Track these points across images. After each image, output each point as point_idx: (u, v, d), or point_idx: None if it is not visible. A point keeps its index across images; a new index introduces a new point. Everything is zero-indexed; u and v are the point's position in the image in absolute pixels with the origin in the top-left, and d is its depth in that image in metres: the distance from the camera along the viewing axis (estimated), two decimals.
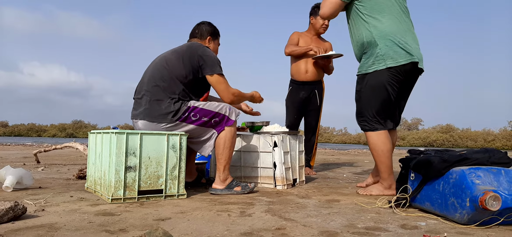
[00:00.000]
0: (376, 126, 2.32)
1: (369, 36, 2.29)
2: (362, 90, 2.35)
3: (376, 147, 2.31)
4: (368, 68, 2.31)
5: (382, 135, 2.31)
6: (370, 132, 2.33)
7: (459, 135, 40.23)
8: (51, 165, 4.28)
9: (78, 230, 1.39)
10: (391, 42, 2.24)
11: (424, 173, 1.81)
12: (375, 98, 2.30)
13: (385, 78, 2.26)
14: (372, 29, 2.28)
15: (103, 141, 2.20)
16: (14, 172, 2.30)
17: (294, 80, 3.67)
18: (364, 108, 2.34)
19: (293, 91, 3.66)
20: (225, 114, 2.32)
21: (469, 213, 1.52)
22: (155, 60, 2.42)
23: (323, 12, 2.45)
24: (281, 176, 2.64)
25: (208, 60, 2.32)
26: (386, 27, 2.26)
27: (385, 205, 1.97)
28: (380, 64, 2.26)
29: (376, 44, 2.27)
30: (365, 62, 2.35)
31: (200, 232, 1.41)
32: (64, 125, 54.45)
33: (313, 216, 1.71)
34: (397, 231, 1.46)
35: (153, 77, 2.29)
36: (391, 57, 2.24)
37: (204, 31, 2.54)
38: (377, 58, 2.27)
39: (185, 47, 2.38)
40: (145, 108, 2.26)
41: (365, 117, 2.35)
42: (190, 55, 2.31)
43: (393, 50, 2.24)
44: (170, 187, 2.14)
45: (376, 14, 2.29)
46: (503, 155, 1.74)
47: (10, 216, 1.48)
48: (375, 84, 2.29)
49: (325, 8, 2.42)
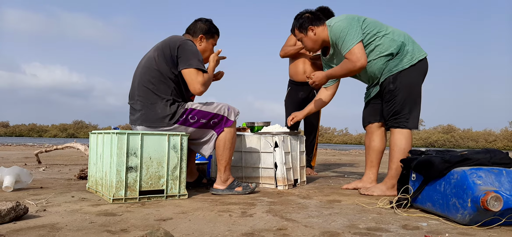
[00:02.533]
0: (414, 123, 2.38)
1: (396, 43, 2.38)
2: (398, 88, 2.37)
3: (402, 144, 2.35)
4: (402, 66, 2.38)
5: (410, 134, 2.38)
6: (403, 130, 2.37)
7: (460, 136, 40.19)
8: (52, 165, 4.28)
9: (80, 230, 1.40)
10: (412, 41, 2.44)
11: (425, 173, 1.81)
12: (419, 93, 2.41)
13: (422, 69, 2.41)
14: (395, 37, 2.40)
15: (104, 142, 2.21)
16: (10, 171, 2.29)
17: (292, 81, 3.70)
18: (412, 104, 2.38)
19: (292, 91, 3.69)
20: (223, 115, 2.31)
21: (471, 213, 1.52)
22: (141, 62, 2.36)
23: (362, 63, 2.34)
24: (282, 176, 2.64)
25: (184, 52, 2.22)
26: (390, 37, 2.39)
27: (387, 206, 1.97)
28: (412, 59, 2.38)
29: (405, 44, 2.39)
30: (393, 64, 2.39)
31: (202, 232, 1.41)
32: (65, 126, 54.56)
33: (314, 217, 1.71)
34: (399, 232, 1.46)
35: (142, 81, 2.24)
36: (417, 51, 2.41)
37: (197, 28, 2.46)
38: (407, 55, 2.38)
39: (164, 42, 2.29)
40: (141, 113, 2.23)
41: (403, 114, 2.37)
42: (171, 49, 2.23)
43: (415, 47, 2.42)
44: (171, 187, 2.15)
45: (383, 28, 2.42)
46: (504, 155, 1.73)
47: (12, 216, 1.48)
48: (416, 78, 2.39)
49: (361, 58, 2.33)
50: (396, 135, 2.38)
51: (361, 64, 2.31)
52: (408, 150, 2.26)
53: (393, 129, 2.40)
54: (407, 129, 2.37)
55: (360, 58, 2.30)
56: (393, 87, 2.39)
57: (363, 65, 2.32)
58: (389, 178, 2.37)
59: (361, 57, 2.30)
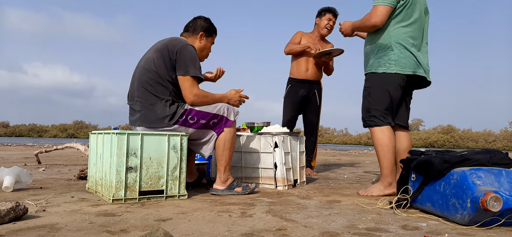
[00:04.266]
0: (382, 120, 2.37)
1: (387, 40, 2.35)
2: (371, 88, 2.41)
3: (382, 141, 2.35)
4: (377, 68, 2.38)
5: (388, 130, 2.36)
6: (376, 128, 2.38)
7: (460, 136, 40.19)
8: (52, 165, 4.28)
9: (79, 231, 1.40)
10: (406, 50, 2.33)
11: (425, 174, 1.81)
12: (383, 96, 2.37)
13: (392, 80, 2.34)
14: (392, 33, 2.34)
15: (104, 142, 2.21)
16: (10, 171, 2.30)
17: (293, 78, 3.70)
18: (373, 104, 2.39)
19: (293, 89, 3.68)
20: (223, 115, 2.31)
21: (470, 214, 1.52)
22: (140, 62, 2.36)
23: (375, 22, 2.32)
24: (282, 176, 2.64)
25: (183, 58, 2.23)
26: (407, 34, 2.34)
27: (386, 206, 1.97)
28: (390, 67, 2.34)
29: (392, 49, 2.34)
30: (375, 61, 2.40)
31: (201, 232, 1.41)
32: (65, 126, 54.52)
33: (314, 217, 1.71)
34: (398, 232, 1.46)
35: (141, 82, 2.25)
36: (402, 64, 2.32)
37: (198, 25, 2.47)
38: (390, 61, 2.34)
39: (164, 44, 2.29)
40: (141, 114, 2.24)
41: (373, 114, 2.39)
42: (170, 52, 2.24)
43: (405, 59, 2.33)
44: (171, 187, 2.15)
45: (406, 21, 2.34)
46: (504, 156, 1.73)
47: (12, 216, 1.48)
48: (382, 85, 2.36)
49: (377, 17, 2.31)
50: (375, 134, 2.40)
51: (374, 21, 2.32)
52: (392, 144, 2.33)
53: (371, 128, 2.42)
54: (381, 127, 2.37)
55: (378, 15, 2.30)
56: (367, 85, 2.44)
57: (376, 23, 2.32)
58: (384, 176, 2.38)
59: (379, 16, 2.30)
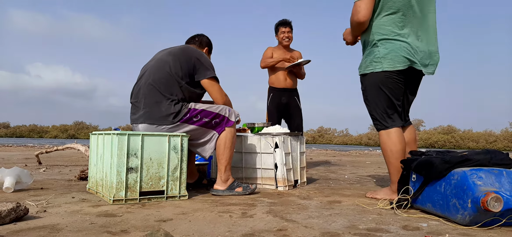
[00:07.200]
0: (385, 124, 2.23)
1: (370, 36, 2.23)
2: (366, 90, 2.29)
3: (386, 146, 2.20)
4: (365, 68, 2.26)
5: (393, 134, 2.20)
6: (382, 131, 2.25)
7: (460, 136, 40.18)
8: (52, 166, 4.28)
9: (80, 231, 1.40)
10: (391, 43, 2.15)
11: (425, 174, 1.81)
12: (378, 98, 2.23)
13: (380, 80, 2.19)
14: (374, 27, 2.19)
15: (104, 142, 2.21)
16: (11, 172, 2.30)
17: (274, 87, 4.06)
18: (372, 107, 2.27)
19: (275, 97, 4.04)
20: (225, 116, 2.36)
21: (471, 214, 1.52)
22: (150, 62, 2.43)
23: (358, 18, 2.18)
24: (283, 177, 2.64)
25: (204, 63, 2.38)
26: (390, 24, 2.16)
27: (387, 206, 1.97)
28: (377, 66, 2.19)
29: (376, 45, 2.19)
30: (363, 61, 2.30)
31: (202, 233, 1.41)
32: (65, 126, 54.60)
33: (315, 217, 1.71)
34: (399, 232, 1.46)
35: (151, 80, 2.29)
36: (389, 60, 2.15)
37: (203, 41, 2.69)
38: (375, 59, 2.19)
39: (181, 50, 2.40)
40: (145, 111, 2.26)
41: (375, 117, 2.27)
42: (187, 58, 2.34)
43: (392, 52, 2.15)
44: (172, 188, 2.15)
45: (388, 10, 2.17)
46: (504, 156, 1.73)
47: (12, 217, 1.48)
48: (374, 86, 2.22)
49: (358, 13, 2.17)
50: (380, 138, 2.27)
51: (357, 18, 2.17)
52: (396, 149, 2.18)
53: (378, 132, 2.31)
54: (386, 130, 2.24)
55: (359, 11, 2.15)
56: (363, 88, 2.31)
57: (359, 20, 2.17)
58: (393, 182, 2.24)
59: (360, 12, 2.15)
